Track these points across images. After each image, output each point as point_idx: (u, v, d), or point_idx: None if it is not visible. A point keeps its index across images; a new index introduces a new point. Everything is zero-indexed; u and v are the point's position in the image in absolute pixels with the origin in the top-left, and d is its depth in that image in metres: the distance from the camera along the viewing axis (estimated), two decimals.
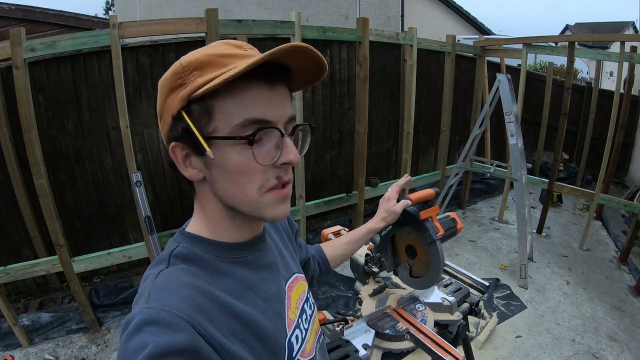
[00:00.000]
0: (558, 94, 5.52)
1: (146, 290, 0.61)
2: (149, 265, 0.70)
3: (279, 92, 0.66)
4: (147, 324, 0.54)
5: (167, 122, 0.67)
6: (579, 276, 4.03)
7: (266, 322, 0.69)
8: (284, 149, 0.66)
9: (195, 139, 0.63)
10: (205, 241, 0.71)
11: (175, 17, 3.21)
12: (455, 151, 5.81)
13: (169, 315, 0.55)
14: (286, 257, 0.89)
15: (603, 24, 21.16)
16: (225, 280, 0.68)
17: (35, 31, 4.40)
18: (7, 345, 3.05)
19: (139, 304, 0.59)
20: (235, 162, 0.64)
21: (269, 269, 0.78)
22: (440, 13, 10.35)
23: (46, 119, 3.08)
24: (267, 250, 0.80)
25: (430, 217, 1.30)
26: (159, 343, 0.51)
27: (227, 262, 0.71)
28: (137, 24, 2.90)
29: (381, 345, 1.45)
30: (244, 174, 0.65)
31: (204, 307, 0.60)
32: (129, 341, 0.53)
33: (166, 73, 0.66)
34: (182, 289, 0.60)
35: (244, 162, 0.63)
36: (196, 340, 0.55)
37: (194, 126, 0.63)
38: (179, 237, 0.73)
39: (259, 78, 0.62)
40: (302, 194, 3.83)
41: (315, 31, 3.61)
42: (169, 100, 0.66)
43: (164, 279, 0.63)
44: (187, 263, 0.67)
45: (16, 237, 3.28)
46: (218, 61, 0.63)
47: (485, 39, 5.54)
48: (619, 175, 6.80)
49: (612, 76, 10.73)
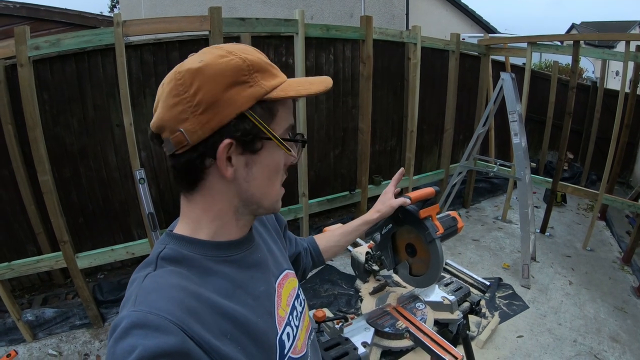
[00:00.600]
0: (563, 93, 5.50)
1: (133, 294, 0.60)
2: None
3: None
4: (135, 327, 0.54)
5: (226, 115, 0.64)
6: (582, 276, 4.02)
7: (257, 321, 0.69)
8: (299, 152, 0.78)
9: (255, 137, 0.67)
10: (193, 241, 0.70)
11: (180, 15, 3.22)
12: (459, 150, 5.79)
13: (157, 318, 0.55)
14: (276, 254, 0.89)
15: (609, 23, 21.03)
16: (215, 280, 0.68)
17: (40, 29, 4.41)
18: (11, 340, 3.07)
19: (127, 307, 0.59)
20: (277, 161, 0.72)
21: (258, 266, 0.79)
22: (445, 11, 10.32)
23: (51, 116, 3.10)
24: (256, 248, 0.81)
25: (430, 216, 1.30)
26: (147, 346, 0.51)
27: (216, 261, 0.70)
28: (141, 22, 2.91)
29: (380, 343, 1.45)
30: (277, 171, 0.74)
31: (192, 309, 0.59)
32: (116, 345, 0.53)
33: (218, 63, 0.64)
34: (170, 291, 0.60)
35: (281, 161, 0.73)
36: (185, 342, 0.54)
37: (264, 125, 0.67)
38: (165, 238, 0.73)
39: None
40: (305, 191, 3.84)
41: (319, 29, 3.61)
42: (231, 93, 0.64)
43: (151, 282, 0.62)
44: (175, 265, 0.67)
45: (21, 233, 3.31)
46: (270, 69, 0.69)
47: (490, 38, 5.53)
48: (623, 176, 6.75)
49: (617, 76, 10.65)
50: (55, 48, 2.70)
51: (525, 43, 4.73)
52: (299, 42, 3.45)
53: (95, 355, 2.98)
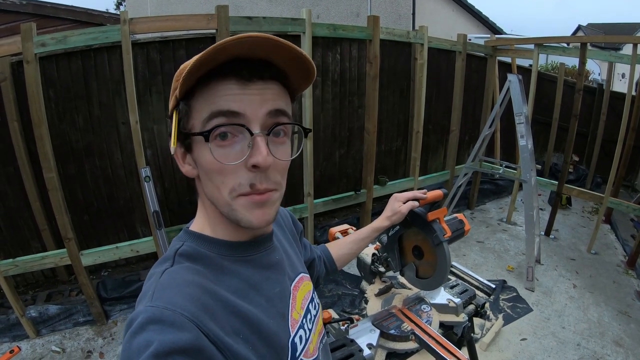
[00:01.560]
0: (569, 95, 5.48)
1: (150, 289, 0.61)
2: (156, 259, 0.71)
3: (258, 88, 0.62)
4: (151, 323, 0.54)
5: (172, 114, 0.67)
6: (586, 280, 4.00)
7: (269, 322, 0.69)
8: (253, 149, 0.62)
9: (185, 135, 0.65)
10: (210, 240, 0.71)
11: (186, 13, 3.22)
12: (464, 151, 5.78)
13: (173, 314, 0.55)
14: (292, 257, 0.89)
15: (616, 25, 20.89)
16: (230, 279, 0.68)
17: (46, 26, 4.43)
18: (15, 336, 3.09)
19: (143, 302, 0.59)
20: (207, 160, 0.64)
21: (274, 268, 0.78)
22: (452, 12, 10.29)
23: (56, 113, 3.11)
24: (273, 250, 0.80)
25: (437, 219, 1.29)
26: (162, 341, 0.51)
27: (232, 260, 0.71)
28: (148, 20, 2.91)
29: (386, 345, 1.45)
30: (217, 172, 0.64)
31: (208, 306, 0.60)
32: (132, 339, 0.53)
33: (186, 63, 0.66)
34: (186, 287, 0.60)
35: (214, 160, 0.62)
36: (200, 338, 0.55)
37: (176, 124, 0.65)
38: (183, 235, 0.74)
39: (231, 75, 0.61)
40: (311, 191, 3.83)
41: (326, 28, 3.60)
42: (170, 103, 0.67)
43: (168, 278, 0.63)
44: (192, 262, 0.67)
45: (26, 229, 3.32)
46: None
47: (497, 39, 5.51)
48: (629, 179, 6.72)
49: (623, 78, 10.61)
50: (62, 45, 2.70)
51: (532, 44, 4.71)
52: (306, 41, 3.44)
53: (98, 352, 2.99)
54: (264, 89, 0.63)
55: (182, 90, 0.62)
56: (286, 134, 0.68)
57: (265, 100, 0.63)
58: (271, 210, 0.68)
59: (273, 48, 0.60)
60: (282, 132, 0.67)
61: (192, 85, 0.62)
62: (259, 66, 0.62)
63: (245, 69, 0.61)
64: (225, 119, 0.61)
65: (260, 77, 0.62)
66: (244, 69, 0.61)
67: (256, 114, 0.62)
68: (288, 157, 0.68)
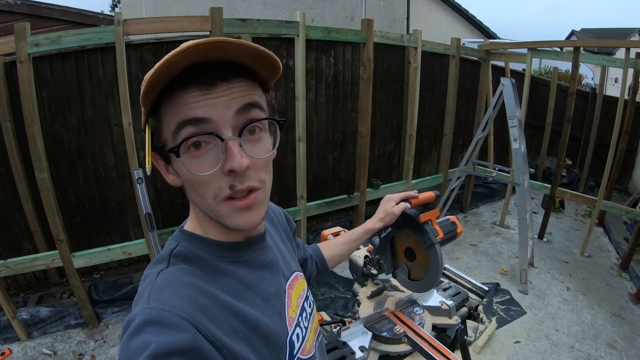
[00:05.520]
0: (562, 99, 5.51)
1: (147, 290, 0.61)
2: (148, 262, 0.70)
3: (222, 90, 0.60)
4: (148, 324, 0.54)
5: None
6: (579, 282, 4.02)
7: (267, 321, 0.69)
8: (227, 154, 0.60)
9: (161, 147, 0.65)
10: (205, 240, 0.71)
11: (181, 15, 3.21)
12: (458, 154, 5.80)
13: (170, 315, 0.55)
14: (286, 256, 0.89)
15: (609, 30, 21.09)
16: (225, 281, 0.68)
17: (40, 26, 4.42)
18: (6, 338, 3.05)
19: (140, 304, 0.59)
20: (183, 174, 0.64)
21: (269, 268, 0.78)
22: (446, 16, 10.34)
23: (49, 114, 3.09)
24: (267, 249, 0.80)
25: (430, 220, 1.29)
26: (160, 343, 0.51)
27: (227, 261, 0.71)
28: (142, 22, 2.90)
29: (378, 347, 1.44)
30: (197, 183, 0.63)
31: (205, 307, 0.60)
32: (130, 341, 0.53)
33: None
34: (182, 288, 0.60)
35: (190, 173, 0.62)
36: (198, 339, 0.55)
37: (149, 139, 0.64)
38: (178, 235, 0.73)
39: (192, 83, 0.59)
40: (303, 194, 3.83)
41: (320, 32, 3.61)
42: (142, 117, 0.66)
43: (164, 279, 0.63)
44: (187, 263, 0.67)
45: (17, 231, 3.29)
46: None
47: (490, 43, 5.53)
48: (621, 182, 6.77)
49: (616, 82, 10.69)
50: (56, 45, 2.69)
51: (525, 49, 4.74)
52: (300, 44, 3.44)
53: (90, 355, 2.96)
54: (228, 89, 0.61)
55: (146, 106, 0.61)
56: (262, 129, 0.66)
57: (232, 100, 0.61)
58: (258, 212, 0.67)
59: (227, 50, 0.58)
60: (257, 129, 0.65)
61: (155, 99, 0.61)
62: (220, 68, 0.60)
63: (206, 75, 0.59)
64: (194, 127, 0.59)
65: (223, 78, 0.60)
66: (204, 74, 0.59)
67: (224, 116, 0.60)
68: (267, 153, 0.66)
